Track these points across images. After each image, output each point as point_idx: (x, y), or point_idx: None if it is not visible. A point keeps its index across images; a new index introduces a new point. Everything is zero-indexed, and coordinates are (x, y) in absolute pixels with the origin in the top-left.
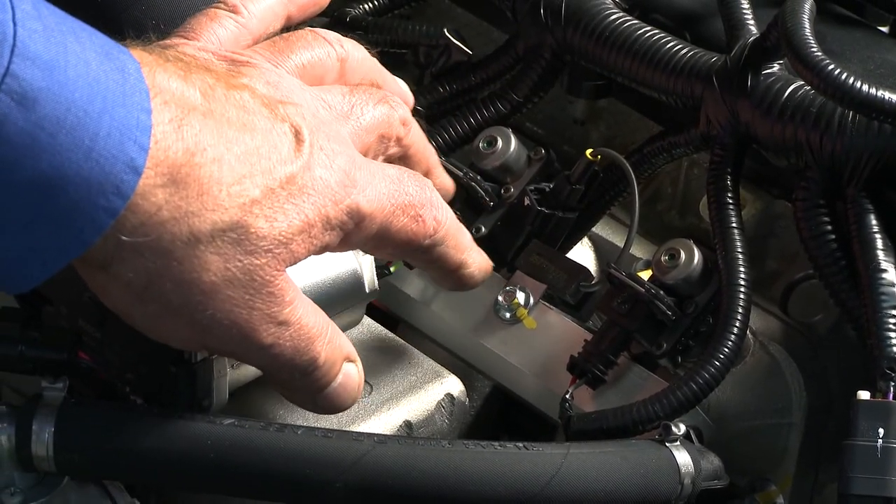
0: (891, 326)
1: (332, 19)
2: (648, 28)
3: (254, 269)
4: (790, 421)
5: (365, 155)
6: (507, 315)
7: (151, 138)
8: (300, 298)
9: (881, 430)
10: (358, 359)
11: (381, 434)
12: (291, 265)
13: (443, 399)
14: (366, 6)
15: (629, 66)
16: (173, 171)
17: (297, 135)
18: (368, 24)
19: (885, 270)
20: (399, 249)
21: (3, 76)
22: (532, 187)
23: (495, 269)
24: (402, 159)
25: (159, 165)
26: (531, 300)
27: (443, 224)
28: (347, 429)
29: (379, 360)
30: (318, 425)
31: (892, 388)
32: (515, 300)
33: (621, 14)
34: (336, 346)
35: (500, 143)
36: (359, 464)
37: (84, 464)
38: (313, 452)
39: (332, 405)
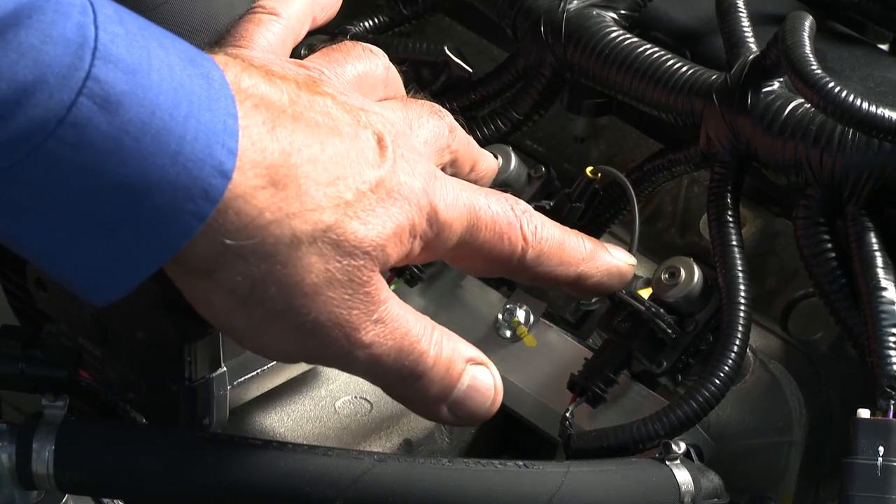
0: (891, 344)
1: (332, 36)
2: (649, 46)
3: (352, 271)
4: (791, 439)
5: None
6: (508, 333)
7: (247, 139)
8: (394, 299)
9: (881, 449)
10: (489, 362)
11: (381, 452)
12: (384, 269)
13: None
14: (366, 24)
15: (629, 84)
16: (271, 172)
17: (380, 141)
18: (369, 42)
19: (885, 288)
20: (488, 266)
21: (84, 80)
22: (532, 205)
23: (495, 287)
24: (452, 164)
25: (257, 167)
26: (531, 318)
27: (533, 245)
28: (348, 447)
29: None
30: (318, 444)
31: (892, 407)
32: (516, 318)
33: (621, 32)
34: (450, 348)
35: (500, 160)
36: (359, 482)
37: (84, 482)
38: (313, 470)
39: (467, 411)
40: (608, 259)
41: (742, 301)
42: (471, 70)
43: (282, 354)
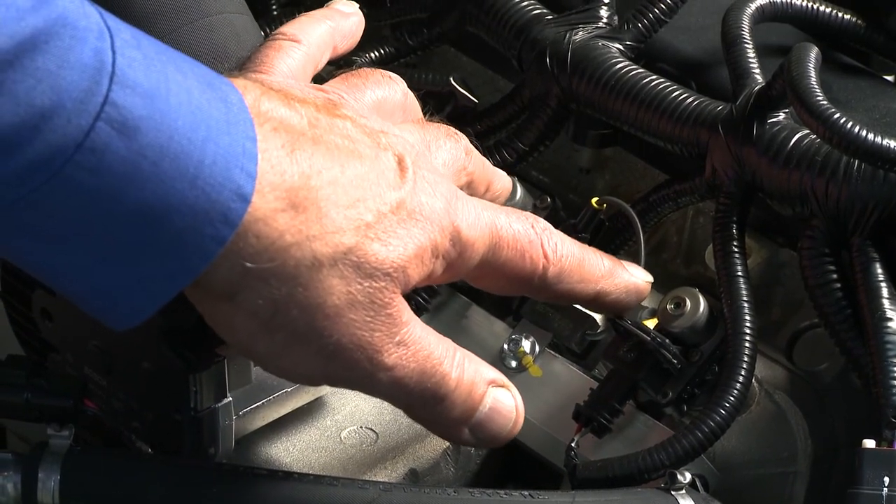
0: None
1: (338, 68)
2: (654, 77)
3: (373, 292)
4: (796, 469)
5: None
6: (513, 363)
7: (266, 163)
8: (415, 321)
9: (886, 479)
10: (511, 384)
11: (386, 482)
12: (405, 291)
13: (448, 447)
14: (371, 55)
15: (635, 115)
16: (291, 195)
17: (401, 162)
18: None
19: (890, 319)
20: (510, 285)
21: (102, 105)
22: None
23: (500, 318)
24: (469, 185)
25: (276, 190)
26: (537, 348)
27: (554, 263)
28: (353, 477)
29: (384, 407)
30: (324, 474)
31: None
32: (521, 348)
33: (627, 63)
34: (472, 371)
35: None
36: None
37: None
38: (319, 500)
39: (489, 433)
40: (626, 276)
41: (747, 331)
42: (476, 101)
43: (304, 377)
